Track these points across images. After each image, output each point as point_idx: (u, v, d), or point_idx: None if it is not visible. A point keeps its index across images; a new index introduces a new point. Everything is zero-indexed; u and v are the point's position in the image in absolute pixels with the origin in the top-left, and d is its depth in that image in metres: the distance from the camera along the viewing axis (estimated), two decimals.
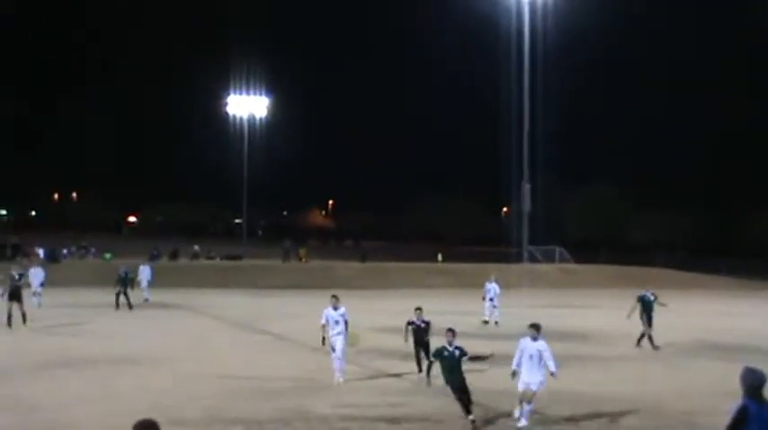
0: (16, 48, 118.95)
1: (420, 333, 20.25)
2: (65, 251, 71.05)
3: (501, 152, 75.43)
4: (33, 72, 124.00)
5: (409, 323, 20.52)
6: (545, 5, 70.37)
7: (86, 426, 15.05)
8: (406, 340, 20.40)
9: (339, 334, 19.55)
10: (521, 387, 15.13)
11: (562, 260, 72.79)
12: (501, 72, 73.86)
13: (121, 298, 38.21)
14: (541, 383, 15.18)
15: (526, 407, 15.14)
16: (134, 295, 39.91)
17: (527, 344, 15.34)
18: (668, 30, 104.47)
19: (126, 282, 38.87)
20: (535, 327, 15.47)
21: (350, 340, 19.86)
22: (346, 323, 19.80)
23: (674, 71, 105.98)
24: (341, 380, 19.38)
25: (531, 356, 15.13)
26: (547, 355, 15.19)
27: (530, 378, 15.03)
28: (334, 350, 19.57)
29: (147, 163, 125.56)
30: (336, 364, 19.57)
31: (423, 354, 19.98)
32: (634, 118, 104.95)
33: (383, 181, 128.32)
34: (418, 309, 20.63)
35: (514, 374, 15.26)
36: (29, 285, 40.05)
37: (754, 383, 8.40)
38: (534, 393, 15.13)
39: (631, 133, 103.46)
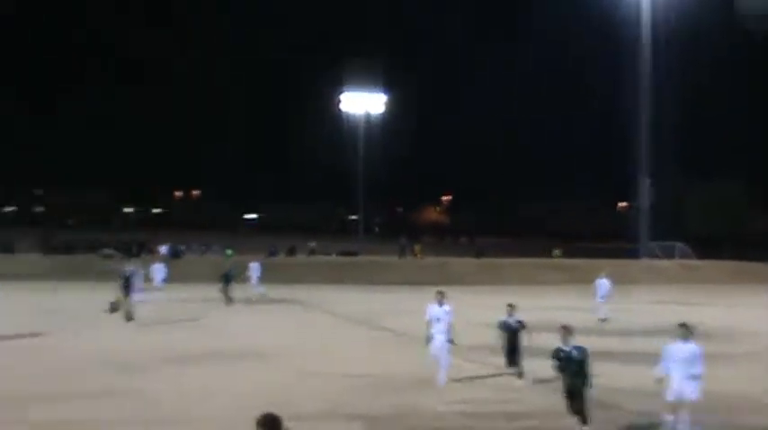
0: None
1: (512, 333, 18.68)
2: (183, 248, 72.89)
3: (620, 146, 74.02)
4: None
5: (502, 322, 19.04)
6: None
7: (207, 421, 15.32)
8: (503, 345, 18.81)
9: (439, 332, 17.85)
10: (670, 397, 13.34)
11: (683, 256, 70.98)
12: (622, 65, 72.55)
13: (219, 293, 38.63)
14: (696, 390, 13.29)
15: (682, 418, 13.35)
16: (242, 290, 40.55)
17: (676, 348, 13.50)
18: None
19: (229, 278, 39.21)
20: (686, 328, 13.64)
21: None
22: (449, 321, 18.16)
23: None
24: (442, 382, 17.68)
25: (683, 360, 13.28)
26: (699, 359, 13.41)
27: (682, 385, 13.24)
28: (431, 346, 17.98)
29: (263, 162, 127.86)
30: (441, 363, 17.80)
31: (515, 357, 18.53)
32: (759, 113, 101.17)
33: (498, 177, 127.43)
34: (510, 305, 19.07)
35: (661, 381, 13.50)
36: (150, 280, 41.28)
37: None
38: (693, 402, 13.31)
39: (755, 128, 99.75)
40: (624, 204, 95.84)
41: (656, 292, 50.56)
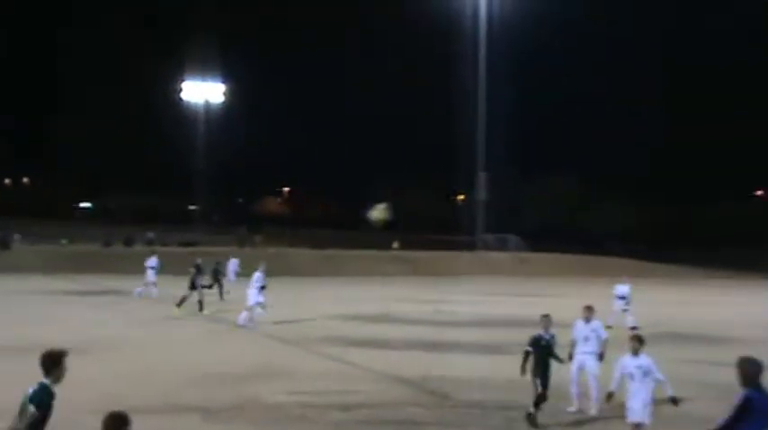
0: None
1: (545, 350, 14.80)
2: (17, 236, 69.76)
3: (458, 141, 75.70)
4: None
5: (533, 342, 14.83)
6: None
7: None
8: (524, 371, 14.69)
9: (589, 353, 15.59)
10: (632, 417, 12.10)
11: (517, 248, 73.27)
12: (458, 60, 74.12)
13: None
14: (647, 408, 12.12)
15: None
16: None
17: (628, 362, 12.21)
18: (637, 25, 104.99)
19: None
20: (638, 340, 12.37)
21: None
22: (601, 341, 15.77)
23: (636, 66, 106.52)
24: (594, 411, 15.20)
25: (631, 375, 12.10)
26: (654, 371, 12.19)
27: (643, 408, 12.06)
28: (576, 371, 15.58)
29: (101, 150, 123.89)
30: (591, 392, 15.31)
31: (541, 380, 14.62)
32: (594, 109, 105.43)
33: (340, 169, 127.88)
34: (546, 316, 15.04)
35: (610, 396, 12.21)
36: None
37: (755, 372, 8.36)
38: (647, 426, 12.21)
39: (591, 125, 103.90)
40: (461, 197, 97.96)
41: (489, 284, 52.06)
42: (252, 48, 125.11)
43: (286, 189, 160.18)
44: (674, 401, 12.10)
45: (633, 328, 26.14)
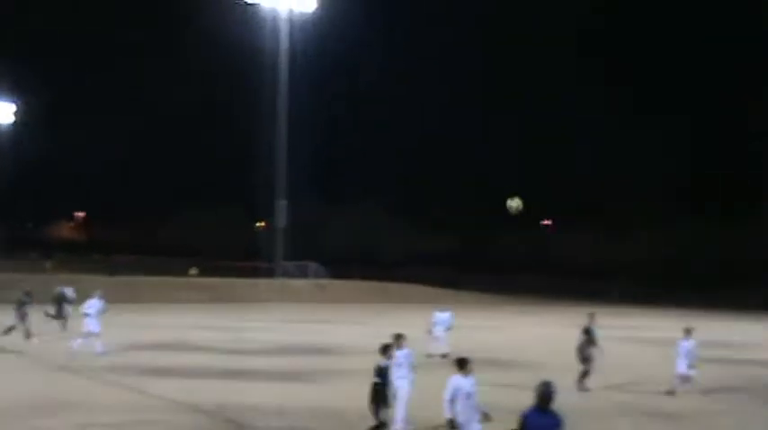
0: None
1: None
2: None
3: (259, 167, 75.55)
4: None
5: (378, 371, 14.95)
6: (303, 21, 71.44)
7: None
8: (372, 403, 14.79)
9: (402, 378, 15.58)
10: None
11: (317, 275, 73.67)
12: (261, 87, 74.12)
13: None
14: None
15: None
16: None
17: (459, 382, 12.57)
18: (443, 55, 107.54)
19: None
20: (465, 362, 12.78)
21: None
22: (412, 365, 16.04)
23: (438, 94, 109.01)
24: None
25: (467, 394, 12.45)
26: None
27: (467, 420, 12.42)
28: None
29: None
30: (397, 413, 15.32)
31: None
32: (399, 137, 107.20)
33: (138, 194, 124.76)
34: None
35: (452, 423, 12.42)
36: None
37: (545, 394, 9.16)
38: None
39: (392, 153, 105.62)
40: (262, 224, 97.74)
41: (289, 311, 52.13)
42: (46, 65, 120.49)
43: (80, 213, 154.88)
44: (486, 416, 12.70)
45: (444, 355, 26.92)
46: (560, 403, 9.44)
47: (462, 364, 12.71)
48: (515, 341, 36.92)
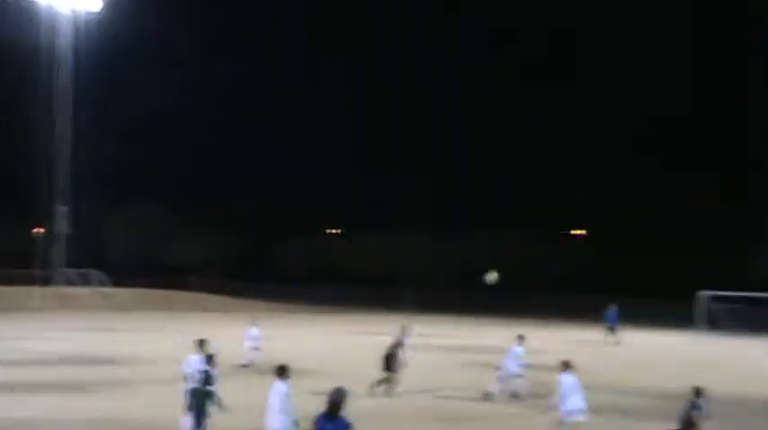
0: None
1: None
2: None
3: (37, 172, 71.88)
4: None
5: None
6: (89, 20, 69.08)
7: None
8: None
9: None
10: None
11: (100, 283, 71.02)
12: (38, 88, 70.80)
13: None
14: None
15: None
16: None
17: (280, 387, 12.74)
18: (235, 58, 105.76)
19: None
20: (283, 369, 13.00)
21: None
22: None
23: (232, 94, 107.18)
24: None
25: (282, 397, 12.69)
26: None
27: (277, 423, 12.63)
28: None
29: None
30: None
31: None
32: (184, 141, 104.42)
33: None
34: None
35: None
36: None
37: (333, 401, 9.54)
38: None
39: (176, 154, 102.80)
40: (40, 230, 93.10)
41: (70, 320, 49.78)
42: None
43: None
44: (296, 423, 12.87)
45: (245, 366, 26.96)
46: (361, 408, 9.29)
47: (282, 371, 12.96)
48: (315, 349, 36.51)
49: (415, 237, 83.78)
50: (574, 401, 15.82)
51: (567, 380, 15.94)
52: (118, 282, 73.32)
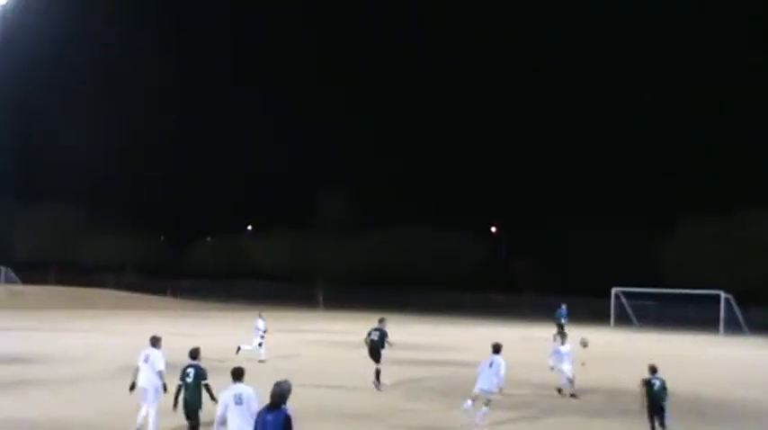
0: None
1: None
2: None
3: None
4: None
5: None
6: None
7: None
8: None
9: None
10: None
11: (8, 281, 69.85)
12: None
13: None
14: None
15: None
16: None
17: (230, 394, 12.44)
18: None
19: None
20: (238, 372, 12.70)
21: None
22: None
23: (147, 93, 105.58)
24: None
25: (236, 400, 12.29)
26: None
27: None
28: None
29: None
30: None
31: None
32: (98, 138, 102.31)
33: None
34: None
35: None
36: None
37: (274, 393, 10.04)
38: None
39: (90, 153, 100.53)
40: None
41: None
42: None
43: None
44: None
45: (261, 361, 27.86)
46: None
47: (238, 373, 12.71)
48: (229, 346, 36.40)
49: (328, 235, 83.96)
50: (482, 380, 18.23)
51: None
52: (29, 279, 72.27)
